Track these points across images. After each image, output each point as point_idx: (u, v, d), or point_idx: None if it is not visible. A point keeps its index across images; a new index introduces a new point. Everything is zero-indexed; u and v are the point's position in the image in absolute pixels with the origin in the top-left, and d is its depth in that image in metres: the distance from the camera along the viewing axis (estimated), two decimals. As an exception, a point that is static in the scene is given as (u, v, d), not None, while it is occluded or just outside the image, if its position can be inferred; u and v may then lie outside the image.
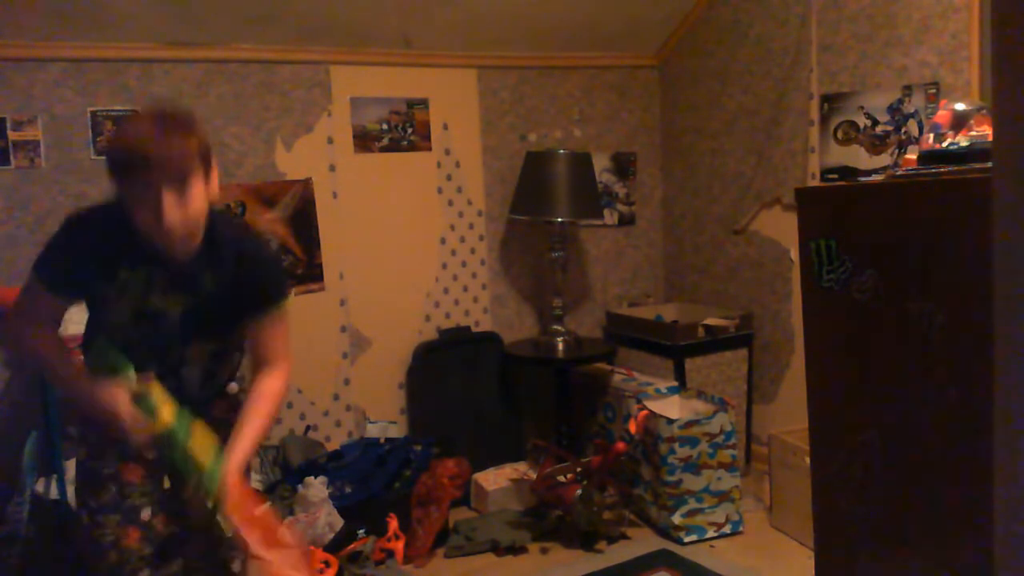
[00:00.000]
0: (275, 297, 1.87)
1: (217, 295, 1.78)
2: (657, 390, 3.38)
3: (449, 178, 3.78)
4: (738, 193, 3.79)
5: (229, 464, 1.73)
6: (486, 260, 3.89)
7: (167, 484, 1.85)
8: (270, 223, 3.41)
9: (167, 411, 1.68)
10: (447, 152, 3.76)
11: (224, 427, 1.86)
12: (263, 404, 1.85)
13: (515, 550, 3.06)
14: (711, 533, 3.09)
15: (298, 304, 3.44)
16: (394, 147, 3.63)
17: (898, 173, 1.91)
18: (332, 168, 3.50)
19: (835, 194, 2.20)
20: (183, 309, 1.77)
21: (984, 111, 1.82)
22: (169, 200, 1.57)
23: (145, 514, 1.80)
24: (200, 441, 1.71)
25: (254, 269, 1.82)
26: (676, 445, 3.06)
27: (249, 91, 3.31)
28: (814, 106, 3.36)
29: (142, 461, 1.81)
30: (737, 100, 3.75)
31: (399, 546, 2.99)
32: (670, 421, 3.08)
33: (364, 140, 3.56)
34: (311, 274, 3.47)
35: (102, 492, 1.79)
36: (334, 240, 3.51)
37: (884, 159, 3.10)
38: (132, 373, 1.71)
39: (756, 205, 3.70)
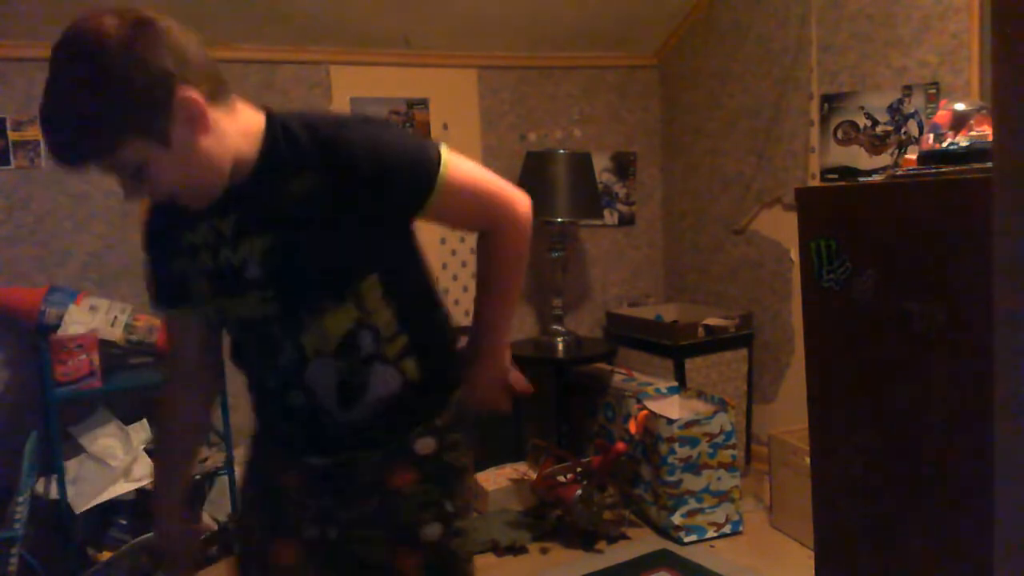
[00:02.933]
0: (414, 184, 1.24)
1: (307, 217, 1.21)
2: (657, 390, 3.38)
3: (449, 178, 3.77)
4: (738, 193, 3.79)
5: (485, 354, 1.44)
6: (486, 260, 3.88)
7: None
8: None
9: None
10: (447, 152, 3.76)
11: (411, 508, 1.33)
12: (488, 276, 1.44)
13: (515, 550, 3.06)
14: (711, 533, 3.09)
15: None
16: (394, 147, 3.63)
17: (898, 173, 1.91)
18: (332, 168, 3.50)
19: (835, 194, 2.21)
20: (262, 253, 1.22)
21: (984, 111, 1.82)
22: (122, 182, 1.16)
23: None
24: None
25: (351, 155, 1.19)
26: (676, 445, 3.06)
27: (249, 91, 3.31)
28: (814, 106, 3.36)
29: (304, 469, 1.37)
30: (737, 100, 3.74)
31: (399, 546, 2.99)
32: (670, 421, 3.07)
33: (364, 140, 3.56)
34: (311, 274, 3.47)
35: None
36: (334, 240, 3.50)
37: (884, 159, 3.08)
38: None
39: (756, 205, 3.70)
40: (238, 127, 1.22)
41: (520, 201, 1.38)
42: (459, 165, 1.28)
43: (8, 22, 2.82)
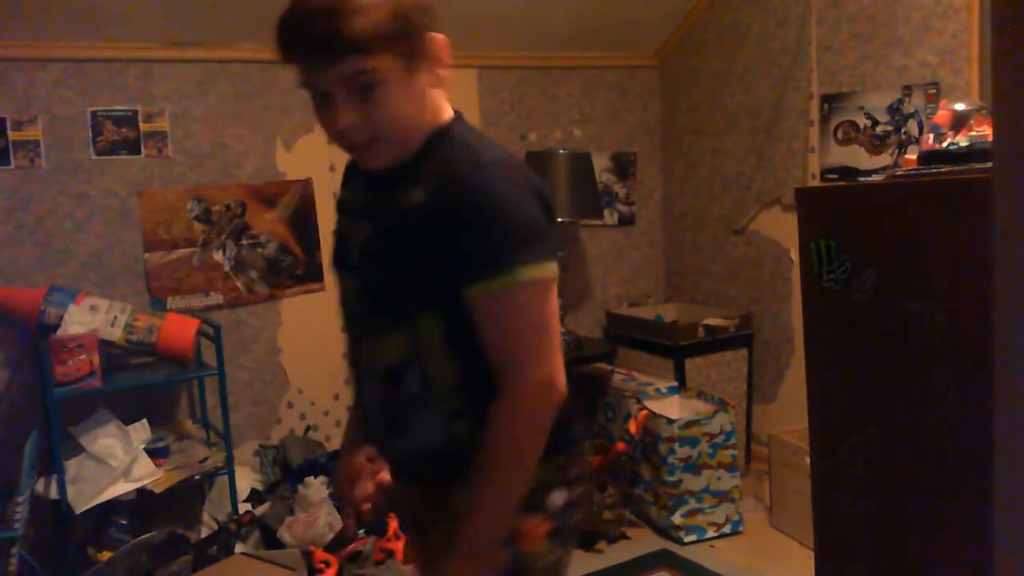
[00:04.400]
0: (480, 259, 1.11)
1: (397, 230, 1.17)
2: (657, 390, 3.38)
3: (449, 178, 3.77)
4: (738, 193, 3.79)
5: (459, 543, 1.13)
6: (486, 260, 3.88)
7: None
8: None
9: None
10: (447, 152, 3.76)
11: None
12: (484, 452, 1.13)
13: (515, 550, 3.06)
14: (711, 533, 3.09)
15: (299, 304, 3.44)
16: (394, 147, 3.63)
17: (898, 173, 1.91)
18: (332, 168, 3.49)
19: (835, 194, 2.21)
20: (361, 243, 1.23)
21: (984, 111, 1.82)
22: (340, 101, 1.10)
23: None
24: None
25: (451, 203, 1.11)
26: (676, 445, 3.06)
27: (249, 91, 3.31)
28: (814, 106, 3.36)
29: None
30: (737, 100, 3.74)
31: (399, 546, 2.99)
32: (670, 421, 3.07)
33: (364, 140, 3.56)
34: (311, 274, 3.47)
35: None
36: (334, 240, 3.50)
37: (884, 159, 3.09)
38: None
39: (756, 205, 3.70)
40: (437, 105, 1.19)
41: (541, 382, 1.14)
42: (529, 296, 1.14)
43: (8, 22, 2.82)
